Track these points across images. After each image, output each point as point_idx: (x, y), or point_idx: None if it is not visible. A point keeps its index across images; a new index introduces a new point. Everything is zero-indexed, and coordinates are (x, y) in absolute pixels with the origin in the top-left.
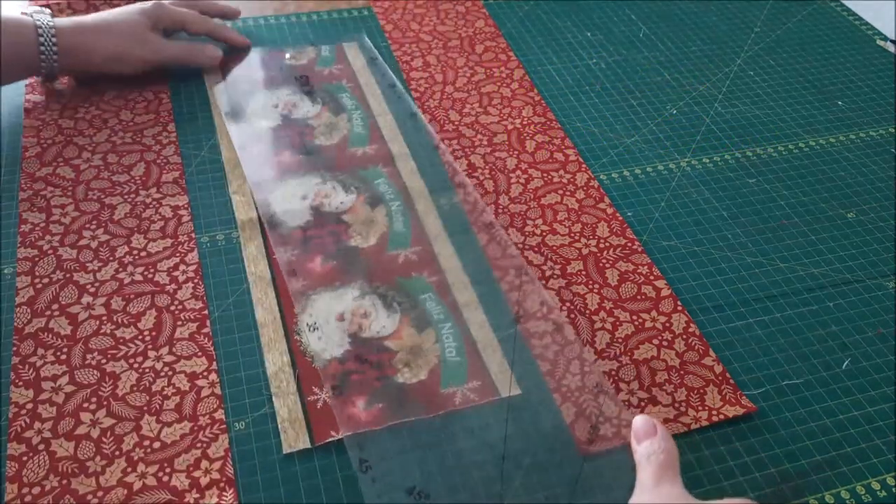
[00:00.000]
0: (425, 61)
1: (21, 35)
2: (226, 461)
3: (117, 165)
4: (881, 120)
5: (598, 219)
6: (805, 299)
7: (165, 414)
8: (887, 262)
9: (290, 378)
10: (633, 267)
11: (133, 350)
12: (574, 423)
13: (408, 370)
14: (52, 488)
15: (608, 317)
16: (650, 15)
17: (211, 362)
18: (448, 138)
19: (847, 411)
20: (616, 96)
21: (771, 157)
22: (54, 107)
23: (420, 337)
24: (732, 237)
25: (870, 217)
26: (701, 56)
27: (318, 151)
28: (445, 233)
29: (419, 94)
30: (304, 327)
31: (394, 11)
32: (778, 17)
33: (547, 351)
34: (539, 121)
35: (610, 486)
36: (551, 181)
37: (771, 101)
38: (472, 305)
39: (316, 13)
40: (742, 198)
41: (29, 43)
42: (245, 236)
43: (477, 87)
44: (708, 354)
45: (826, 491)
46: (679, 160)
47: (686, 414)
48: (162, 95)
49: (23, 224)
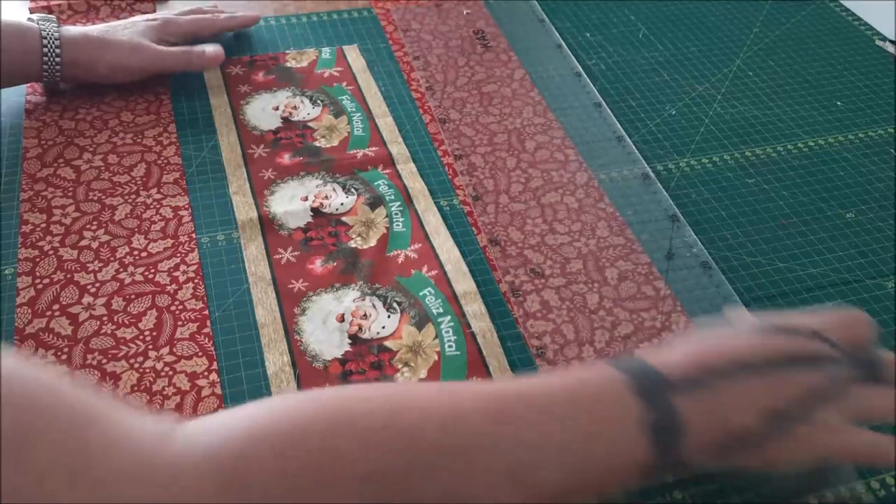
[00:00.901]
0: (426, 61)
1: (25, 42)
2: None
3: (118, 166)
4: (880, 120)
5: (598, 218)
6: (805, 299)
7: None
8: (887, 262)
9: (291, 378)
10: (632, 266)
11: (134, 350)
12: None
13: (407, 369)
14: None
15: (607, 315)
16: (649, 15)
17: (211, 362)
18: (448, 138)
19: None
20: (616, 96)
21: (770, 157)
22: (55, 108)
23: (419, 334)
24: (732, 237)
25: (869, 217)
26: (700, 56)
27: (319, 153)
28: (445, 227)
29: (420, 94)
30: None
31: (394, 12)
32: (777, 18)
33: None
34: (539, 121)
35: None
36: (551, 180)
37: (770, 101)
38: (471, 296)
39: (316, 14)
40: (741, 198)
41: (32, 51)
42: (245, 236)
43: (478, 87)
44: None
45: (826, 489)
46: (678, 160)
47: None
48: (163, 97)
49: (24, 225)
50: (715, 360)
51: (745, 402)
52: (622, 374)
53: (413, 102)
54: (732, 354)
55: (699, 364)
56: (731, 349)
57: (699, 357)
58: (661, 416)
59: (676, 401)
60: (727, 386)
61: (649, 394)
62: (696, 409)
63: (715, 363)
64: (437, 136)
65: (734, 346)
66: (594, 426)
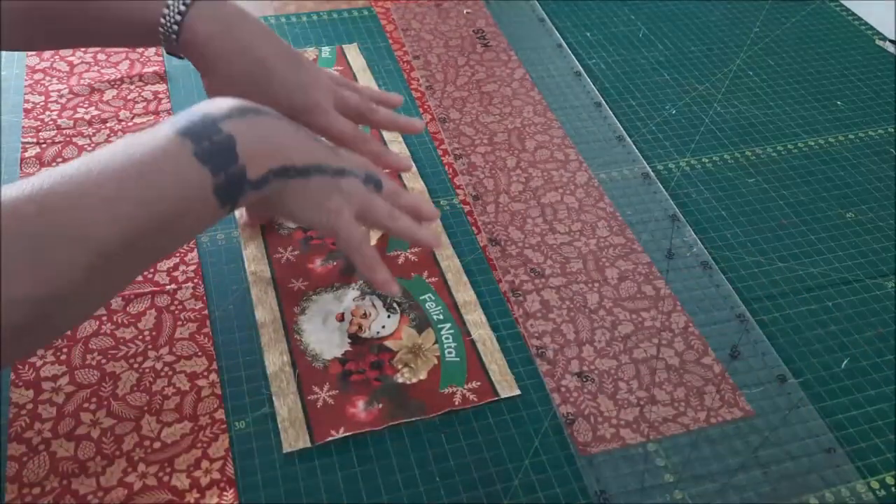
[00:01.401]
0: (426, 60)
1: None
2: (226, 461)
3: None
4: (880, 120)
5: (598, 217)
6: (804, 299)
7: (166, 414)
8: (887, 262)
9: (290, 377)
10: (632, 266)
11: (133, 350)
12: (573, 424)
13: (407, 370)
14: (52, 488)
15: (607, 315)
16: (650, 15)
17: (211, 362)
18: (448, 137)
19: (846, 411)
20: (616, 96)
21: (770, 157)
22: (53, 107)
23: (420, 337)
24: (732, 237)
25: (869, 217)
26: (700, 56)
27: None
28: (446, 234)
29: (420, 93)
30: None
31: (394, 11)
32: (777, 17)
33: None
34: (539, 120)
35: (609, 483)
36: (551, 180)
37: (770, 101)
38: (471, 305)
39: (316, 13)
40: (741, 198)
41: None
42: (245, 236)
43: (478, 87)
44: (707, 354)
45: (826, 489)
46: (678, 160)
47: (685, 414)
48: (160, 96)
49: None
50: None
51: (290, 143)
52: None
53: (413, 102)
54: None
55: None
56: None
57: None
58: (213, 144)
59: (225, 125)
60: (277, 125)
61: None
62: (242, 129)
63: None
64: (437, 136)
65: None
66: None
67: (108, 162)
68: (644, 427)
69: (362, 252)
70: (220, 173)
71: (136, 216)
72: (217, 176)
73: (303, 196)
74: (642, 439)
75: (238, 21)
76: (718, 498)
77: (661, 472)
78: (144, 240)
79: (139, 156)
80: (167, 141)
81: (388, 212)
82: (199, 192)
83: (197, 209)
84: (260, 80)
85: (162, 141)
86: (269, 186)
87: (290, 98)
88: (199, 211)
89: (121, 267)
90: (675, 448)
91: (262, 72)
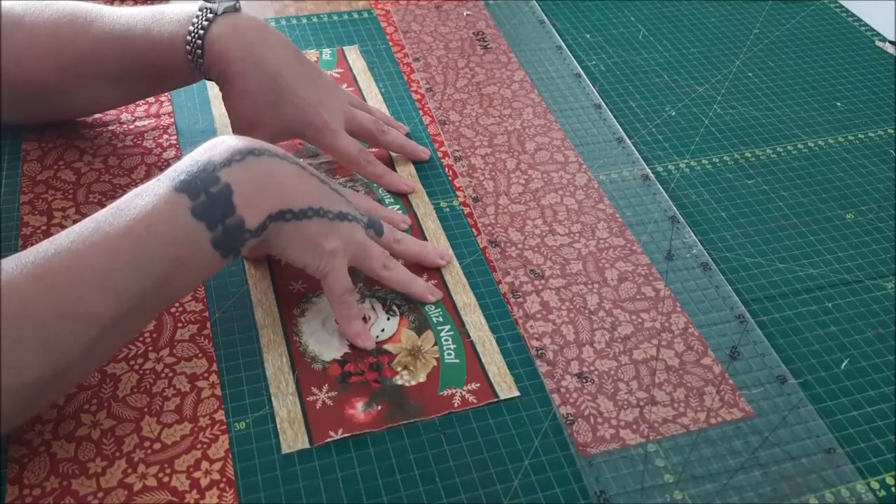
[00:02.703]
0: (426, 62)
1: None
2: (226, 461)
3: (118, 168)
4: (880, 121)
5: (598, 219)
6: (804, 299)
7: (166, 415)
8: (886, 263)
9: (290, 379)
10: (632, 267)
11: (133, 352)
12: (573, 425)
13: (407, 372)
14: (52, 489)
15: (607, 316)
16: (649, 16)
17: (211, 363)
18: (448, 139)
19: (846, 411)
20: (615, 98)
21: (770, 158)
22: None
23: (419, 339)
24: (731, 238)
25: (869, 218)
26: (700, 57)
27: (318, 155)
28: (446, 236)
29: (420, 95)
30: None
31: (394, 13)
32: (777, 18)
33: None
34: (539, 122)
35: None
36: (551, 182)
37: (770, 102)
38: (471, 307)
39: (317, 15)
40: (741, 199)
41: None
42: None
43: (478, 89)
44: (707, 355)
45: (826, 490)
46: (678, 161)
47: (685, 415)
48: (162, 98)
49: (24, 227)
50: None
51: (290, 185)
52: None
53: (413, 104)
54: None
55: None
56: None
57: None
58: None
59: (224, 173)
60: (278, 167)
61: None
62: (241, 177)
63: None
64: (436, 138)
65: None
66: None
67: (107, 230)
68: (644, 428)
69: (344, 301)
70: (216, 227)
71: (134, 282)
72: (214, 230)
73: (297, 237)
74: (642, 440)
75: (257, 35)
76: (718, 498)
77: (660, 473)
78: (145, 301)
79: (136, 221)
80: (164, 201)
81: (382, 261)
82: (198, 247)
83: (196, 263)
84: (272, 95)
85: (159, 200)
86: (267, 231)
87: (300, 115)
88: (200, 263)
89: (124, 329)
90: (675, 449)
91: (275, 87)
